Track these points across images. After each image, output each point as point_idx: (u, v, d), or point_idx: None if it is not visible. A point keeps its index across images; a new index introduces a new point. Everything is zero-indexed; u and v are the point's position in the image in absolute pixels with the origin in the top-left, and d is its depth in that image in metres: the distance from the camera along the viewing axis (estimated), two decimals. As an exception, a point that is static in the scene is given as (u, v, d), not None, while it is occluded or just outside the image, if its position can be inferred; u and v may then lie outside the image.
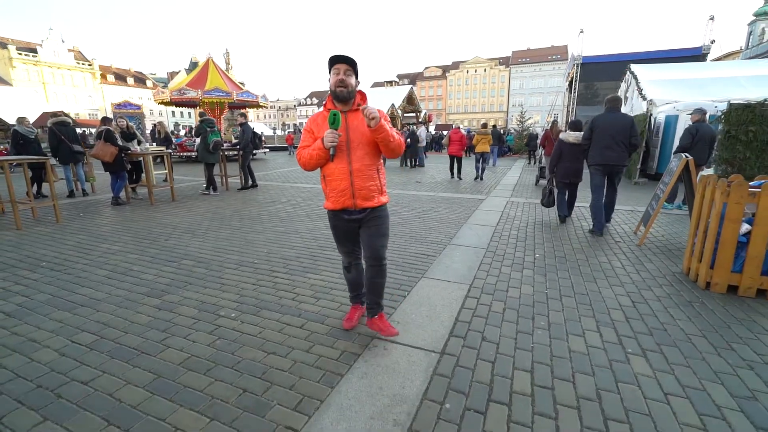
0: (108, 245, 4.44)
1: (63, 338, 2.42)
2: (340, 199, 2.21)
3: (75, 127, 7.97)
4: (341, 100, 2.14)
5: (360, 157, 2.17)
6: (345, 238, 2.38)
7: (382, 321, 2.39)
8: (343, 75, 2.10)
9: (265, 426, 1.69)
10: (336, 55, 2.09)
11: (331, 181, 2.21)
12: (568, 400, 1.87)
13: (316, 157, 2.15)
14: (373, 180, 2.23)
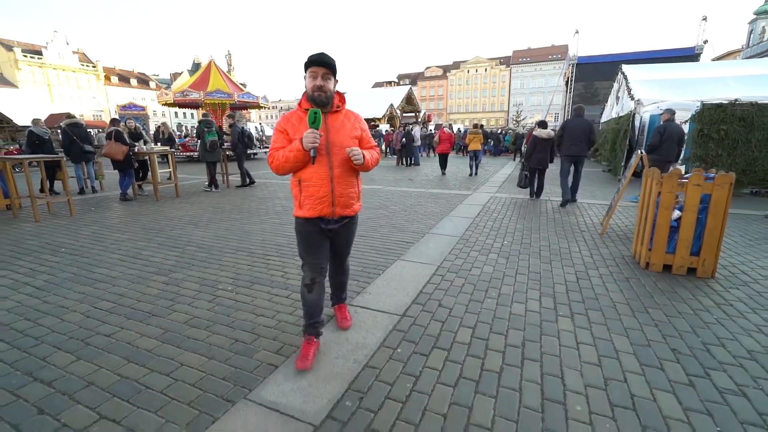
0: (119, 234, 4.92)
1: (87, 305, 2.89)
2: (317, 206, 2.05)
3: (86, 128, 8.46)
4: (319, 104, 1.99)
5: (341, 162, 2.03)
6: (317, 248, 2.16)
7: (341, 311, 2.58)
8: (321, 80, 1.95)
9: (252, 363, 2.15)
10: (313, 58, 1.94)
11: (308, 186, 2.03)
12: (497, 347, 2.32)
13: (293, 160, 1.96)
14: (353, 186, 2.14)
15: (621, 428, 1.68)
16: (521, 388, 1.95)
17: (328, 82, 1.98)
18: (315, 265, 2.16)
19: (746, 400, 1.86)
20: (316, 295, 2.18)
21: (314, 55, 1.95)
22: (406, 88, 30.94)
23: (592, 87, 28.82)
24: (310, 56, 1.94)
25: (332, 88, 2.02)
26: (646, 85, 13.87)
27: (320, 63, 1.95)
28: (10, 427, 1.69)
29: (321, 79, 1.96)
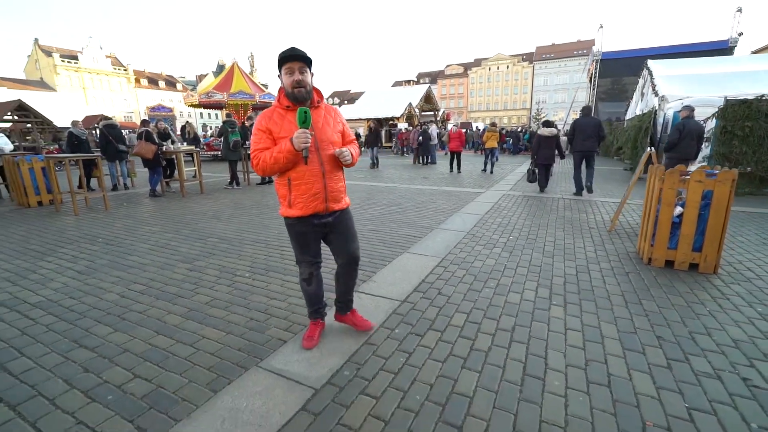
0: (149, 227, 5.32)
1: (121, 287, 3.23)
2: (311, 203, 2.05)
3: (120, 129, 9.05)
4: (300, 100, 1.96)
5: (330, 158, 2.05)
6: (312, 245, 2.22)
7: (355, 315, 2.48)
8: (299, 74, 1.91)
9: (263, 338, 2.41)
10: (286, 54, 1.90)
11: (299, 185, 2.02)
12: (488, 330, 2.50)
13: (283, 161, 1.93)
14: (341, 181, 2.18)
15: (593, 401, 1.84)
16: (505, 365, 2.12)
17: (305, 76, 1.94)
18: (311, 262, 2.24)
19: (720, 382, 1.97)
20: (315, 287, 2.31)
21: (285, 50, 1.91)
22: (424, 87, 30.95)
23: (620, 82, 28.05)
24: (281, 53, 1.91)
25: (310, 81, 1.98)
26: (671, 80, 13.50)
27: (294, 57, 1.90)
28: (63, 382, 2.00)
29: (298, 74, 1.91)
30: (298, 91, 1.93)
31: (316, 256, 2.27)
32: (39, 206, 7.07)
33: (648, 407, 1.80)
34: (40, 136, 17.61)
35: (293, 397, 1.87)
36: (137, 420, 1.73)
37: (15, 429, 1.69)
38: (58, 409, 1.81)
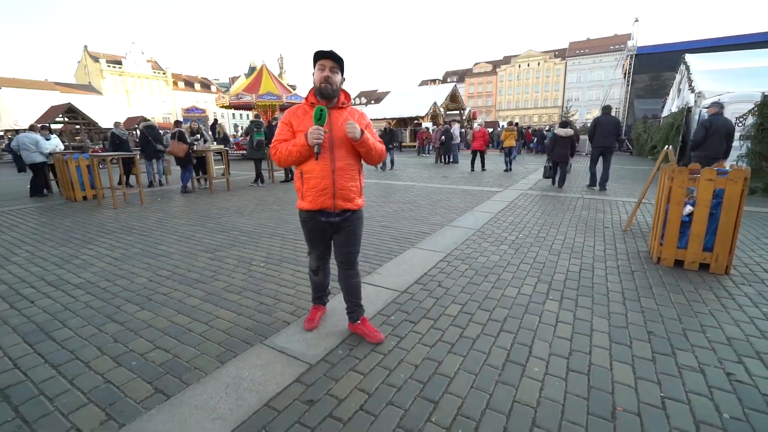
0: (178, 220, 5.74)
1: (150, 273, 3.57)
2: (318, 198, 2.12)
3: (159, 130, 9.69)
4: (325, 96, 2.07)
5: (343, 156, 2.10)
6: (320, 240, 2.31)
7: (366, 325, 2.40)
8: (329, 72, 2.03)
9: (270, 320, 2.64)
10: (322, 51, 2.04)
11: (310, 179, 2.10)
12: (479, 320, 2.61)
13: (296, 154, 2.05)
14: (354, 181, 2.18)
15: (569, 387, 1.93)
16: (490, 351, 2.24)
17: (335, 76, 2.05)
18: (320, 256, 2.38)
19: (702, 376, 2.00)
20: (321, 277, 2.49)
21: (324, 49, 2.05)
22: (450, 86, 30.76)
23: (658, 78, 26.80)
24: (318, 50, 2.04)
25: (338, 82, 2.08)
26: (709, 75, 12.87)
27: (328, 56, 2.03)
28: (96, 349, 2.30)
29: (329, 71, 2.03)
30: (325, 87, 2.03)
31: (326, 249, 2.37)
32: (84, 200, 7.72)
33: (622, 394, 1.87)
34: (87, 136, 18.97)
35: (290, 371, 2.07)
36: (155, 382, 1.99)
37: (56, 384, 1.99)
38: (91, 370, 2.10)
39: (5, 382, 2.01)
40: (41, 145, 8.14)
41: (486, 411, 1.77)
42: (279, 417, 1.74)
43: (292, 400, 1.85)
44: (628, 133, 23.17)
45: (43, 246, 4.50)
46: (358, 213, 2.28)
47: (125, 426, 1.70)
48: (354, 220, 2.26)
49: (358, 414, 1.76)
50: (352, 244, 2.30)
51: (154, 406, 1.82)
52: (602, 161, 7.99)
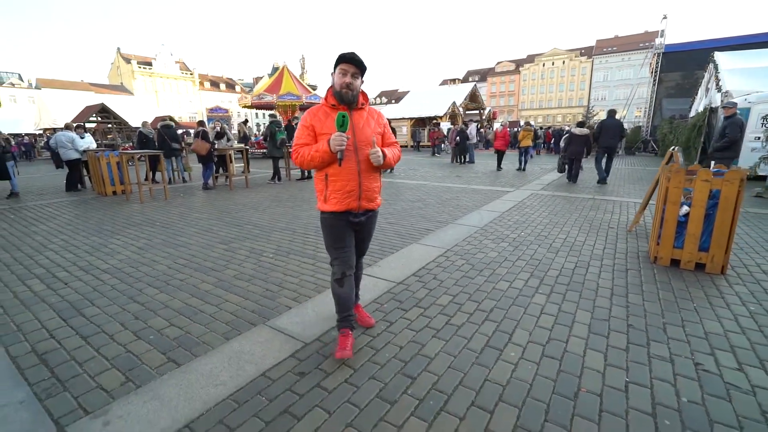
0: (198, 214, 6.11)
1: (170, 261, 3.89)
2: (345, 200, 2.11)
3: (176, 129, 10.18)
4: (346, 102, 2.07)
5: (367, 158, 2.10)
6: (344, 242, 2.22)
7: (359, 310, 2.58)
8: (350, 78, 2.02)
9: (274, 304, 2.89)
10: (345, 55, 2.02)
11: (336, 181, 2.09)
12: (467, 310, 2.77)
13: (319, 159, 2.03)
14: (377, 181, 2.22)
15: (540, 370, 2.08)
16: (471, 337, 2.41)
17: (356, 81, 2.04)
18: (344, 259, 2.19)
19: (670, 365, 2.11)
20: (348, 289, 2.21)
21: (347, 53, 2.02)
22: (470, 86, 30.61)
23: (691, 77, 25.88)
24: (342, 54, 2.01)
25: (359, 86, 2.08)
26: (738, 74, 12.43)
27: (351, 61, 2.01)
28: (119, 325, 2.60)
29: (350, 77, 2.02)
30: (346, 92, 2.03)
31: (350, 254, 2.23)
32: (113, 195, 8.25)
33: (589, 378, 2.00)
34: (118, 134, 19.98)
35: (287, 347, 2.30)
36: (168, 353, 2.26)
37: (85, 352, 2.28)
38: (115, 342, 2.39)
39: (43, 349, 2.33)
40: (77, 143, 8.73)
41: (458, 387, 1.94)
42: (273, 385, 1.97)
43: (285, 371, 2.08)
44: (653, 134, 22.48)
45: (76, 236, 4.93)
46: (377, 211, 2.36)
47: (141, 387, 1.96)
48: (374, 218, 2.35)
49: (343, 385, 1.96)
50: (367, 240, 2.39)
51: (167, 372, 2.09)
52: (606, 160, 9.07)
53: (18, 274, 3.58)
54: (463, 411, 1.78)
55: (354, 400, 1.85)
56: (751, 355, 2.20)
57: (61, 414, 1.78)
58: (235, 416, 1.76)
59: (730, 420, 1.71)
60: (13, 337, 2.47)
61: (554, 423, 1.71)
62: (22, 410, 1.80)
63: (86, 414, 1.78)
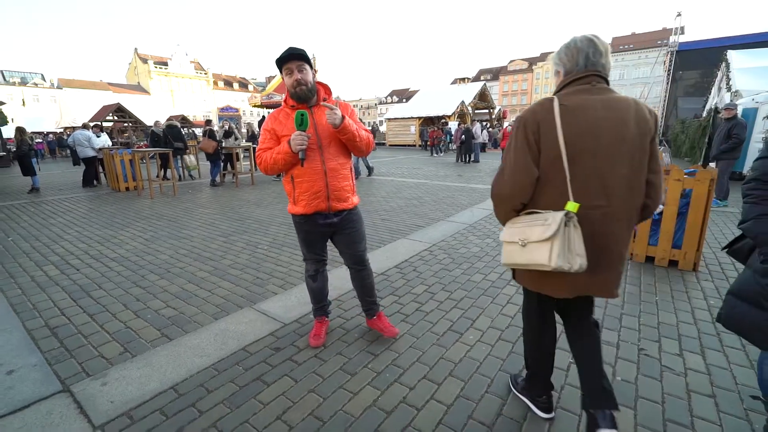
0: (203, 209, 6.44)
1: (172, 251, 4.20)
2: (312, 202, 2.05)
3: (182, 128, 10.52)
4: (303, 99, 1.96)
5: (334, 156, 2.03)
6: (317, 243, 2.24)
7: (382, 320, 2.42)
8: (298, 73, 1.90)
9: (261, 290, 3.14)
10: (283, 55, 1.90)
11: (301, 183, 2.03)
12: (438, 299, 2.98)
13: (282, 162, 1.96)
14: (347, 180, 2.11)
15: (493, 351, 2.28)
16: (437, 322, 2.62)
17: (305, 74, 1.92)
18: (316, 259, 2.29)
19: (614, 349, 2.29)
20: (320, 284, 2.34)
21: (283, 52, 1.91)
22: (479, 85, 30.56)
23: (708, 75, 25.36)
24: (279, 55, 1.90)
25: (311, 79, 1.96)
26: (749, 73, 12.27)
27: (291, 57, 1.89)
28: (122, 305, 2.89)
29: (297, 72, 1.90)
30: (300, 90, 1.92)
31: (322, 253, 2.29)
32: (126, 191, 8.67)
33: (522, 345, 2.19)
34: (133, 133, 20.65)
35: (267, 327, 2.56)
36: (163, 330, 2.54)
37: (90, 327, 2.58)
38: (117, 319, 2.68)
39: (54, 324, 2.63)
40: (93, 141, 9.19)
41: (415, 363, 2.16)
42: (250, 357, 2.22)
43: (263, 346, 2.33)
44: (666, 133, 22.17)
45: (89, 227, 5.29)
46: (355, 211, 2.21)
47: (136, 356, 2.24)
48: (352, 218, 2.19)
49: (311, 359, 2.20)
50: (356, 242, 2.24)
51: (160, 345, 2.36)
52: None
53: (36, 261, 3.93)
54: (414, 382, 2.00)
55: (319, 371, 2.09)
56: (695, 343, 2.35)
57: (67, 376, 2.07)
58: (214, 381, 2.01)
59: (656, 396, 1.89)
60: (30, 314, 2.78)
61: (494, 394, 1.91)
62: (35, 371, 2.09)
63: (88, 376, 2.06)
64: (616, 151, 1.35)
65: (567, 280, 1.45)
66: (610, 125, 1.35)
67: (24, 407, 1.82)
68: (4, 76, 49.91)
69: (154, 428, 1.70)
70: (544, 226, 1.35)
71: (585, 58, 1.40)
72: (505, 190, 1.47)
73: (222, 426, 1.71)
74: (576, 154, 1.35)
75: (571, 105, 1.36)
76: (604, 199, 1.37)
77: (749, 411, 1.78)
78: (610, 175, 1.36)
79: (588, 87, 1.39)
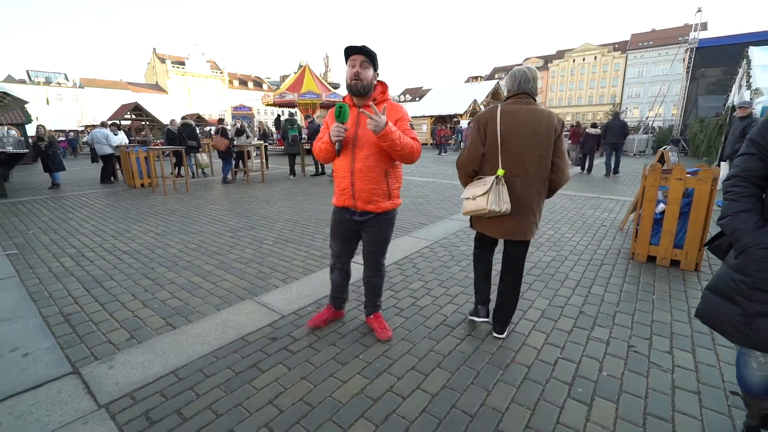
0: (213, 206, 6.62)
1: (181, 245, 4.35)
2: (341, 197, 2.16)
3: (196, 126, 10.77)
4: (356, 94, 2.03)
5: (364, 157, 2.04)
6: (341, 236, 2.31)
7: (378, 320, 2.45)
8: (359, 67, 1.98)
9: (264, 283, 3.25)
10: (352, 46, 1.98)
11: (336, 177, 2.17)
12: (434, 294, 3.04)
13: (325, 151, 2.09)
14: (377, 183, 2.08)
15: (482, 346, 2.33)
16: (430, 317, 2.68)
17: (366, 71, 1.98)
18: (337, 254, 2.39)
19: (604, 345, 2.31)
20: (337, 277, 2.45)
21: (353, 45, 1.99)
22: (492, 83, 30.30)
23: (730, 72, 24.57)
24: (348, 46, 1.98)
25: (370, 78, 2.02)
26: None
27: (359, 51, 1.97)
28: (131, 295, 3.04)
29: (359, 67, 1.98)
30: (355, 83, 1.99)
31: (343, 249, 2.35)
32: (141, 187, 8.94)
33: (525, 354, 2.24)
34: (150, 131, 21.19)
35: (266, 318, 2.66)
36: (168, 318, 2.67)
37: (100, 315, 2.72)
38: (125, 308, 2.83)
39: (68, 312, 2.79)
40: (110, 139, 9.51)
41: (405, 355, 2.23)
42: (248, 346, 2.33)
43: (261, 336, 2.43)
44: (683, 132, 21.60)
45: (104, 222, 5.51)
46: (385, 216, 2.21)
47: (141, 342, 2.37)
48: (379, 222, 2.21)
49: (306, 349, 2.29)
50: (375, 242, 2.28)
51: (164, 333, 2.48)
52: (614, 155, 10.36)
53: (53, 253, 4.13)
54: (402, 373, 2.07)
55: (312, 360, 2.18)
56: (686, 341, 2.36)
57: (76, 359, 2.20)
58: (212, 367, 2.12)
59: (639, 392, 1.92)
60: (46, 302, 2.95)
61: (479, 386, 1.97)
62: (48, 354, 2.24)
63: (96, 360, 2.19)
64: (531, 140, 2.10)
65: (497, 226, 2.24)
66: (529, 124, 2.10)
67: (37, 386, 1.96)
68: (30, 75, 51.71)
69: (154, 408, 1.81)
70: (484, 185, 2.14)
71: (519, 83, 2.18)
72: (462, 160, 2.28)
73: (217, 408, 1.81)
74: (506, 140, 2.11)
75: (507, 110, 2.14)
76: (523, 170, 2.13)
77: (732, 408, 1.79)
78: (527, 155, 2.11)
79: (519, 100, 2.17)
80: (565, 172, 2.19)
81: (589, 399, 1.87)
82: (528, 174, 2.11)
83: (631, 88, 66.03)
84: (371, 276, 2.42)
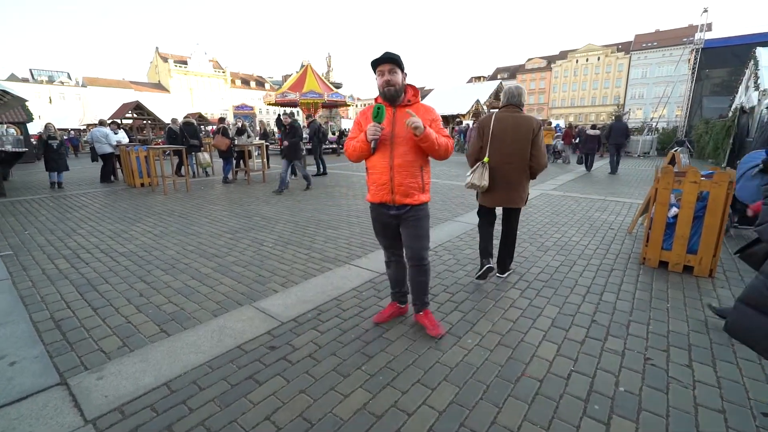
0: (212, 206, 6.52)
1: (179, 247, 4.25)
2: (379, 192, 2.25)
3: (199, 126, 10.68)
4: (390, 98, 2.17)
5: (402, 153, 2.17)
6: (383, 232, 2.42)
7: (428, 317, 2.49)
8: (389, 75, 2.12)
9: (262, 288, 3.15)
10: (377, 58, 2.12)
11: (372, 174, 2.27)
12: (440, 300, 2.93)
13: (359, 150, 2.22)
14: (414, 177, 2.22)
15: (490, 357, 2.21)
16: (436, 324, 2.56)
17: (395, 76, 2.13)
18: (386, 247, 2.50)
19: (619, 358, 2.19)
20: (393, 270, 2.55)
21: (379, 56, 2.13)
22: (495, 83, 30.17)
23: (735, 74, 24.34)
24: (374, 59, 2.13)
25: (400, 81, 2.16)
26: (780, 71, 11.68)
27: (385, 60, 2.12)
28: (125, 300, 2.93)
29: (388, 74, 2.13)
30: (388, 90, 2.14)
31: (392, 242, 2.45)
32: (141, 187, 8.86)
33: (536, 365, 2.13)
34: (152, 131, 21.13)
35: (264, 325, 2.55)
36: (162, 325, 2.56)
37: (92, 321, 2.62)
38: (119, 314, 2.72)
39: (59, 317, 2.69)
40: (110, 138, 9.42)
41: (410, 366, 2.12)
42: (245, 355, 2.22)
43: (258, 345, 2.32)
44: (689, 134, 21.41)
45: (102, 222, 5.42)
46: (421, 207, 2.31)
47: (134, 351, 2.26)
48: (416, 214, 2.30)
49: (306, 359, 2.19)
50: (414, 238, 2.33)
51: (158, 340, 2.38)
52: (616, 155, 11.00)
53: (48, 254, 4.04)
54: (407, 386, 1.96)
55: (312, 372, 2.07)
56: (706, 354, 2.24)
57: (65, 368, 2.10)
58: (206, 378, 2.01)
59: (660, 410, 1.80)
60: (37, 306, 2.85)
61: (489, 401, 1.85)
62: (35, 363, 2.13)
63: (86, 369, 2.09)
64: (514, 138, 2.98)
65: (489, 198, 3.16)
66: (514, 127, 2.99)
67: (21, 399, 1.86)
68: (33, 74, 51.79)
69: (144, 424, 1.71)
70: (475, 168, 3.08)
71: (507, 98, 3.11)
72: (470, 152, 3.22)
73: (210, 424, 1.71)
74: (495, 138, 3.03)
75: (499, 117, 3.04)
76: (510, 159, 3.01)
77: (761, 429, 1.68)
78: (511, 149, 3.00)
79: (508, 110, 3.08)
80: (541, 161, 3.01)
81: (606, 417, 1.75)
82: (513, 162, 3.00)
83: (634, 89, 65.72)
84: (416, 275, 2.44)
